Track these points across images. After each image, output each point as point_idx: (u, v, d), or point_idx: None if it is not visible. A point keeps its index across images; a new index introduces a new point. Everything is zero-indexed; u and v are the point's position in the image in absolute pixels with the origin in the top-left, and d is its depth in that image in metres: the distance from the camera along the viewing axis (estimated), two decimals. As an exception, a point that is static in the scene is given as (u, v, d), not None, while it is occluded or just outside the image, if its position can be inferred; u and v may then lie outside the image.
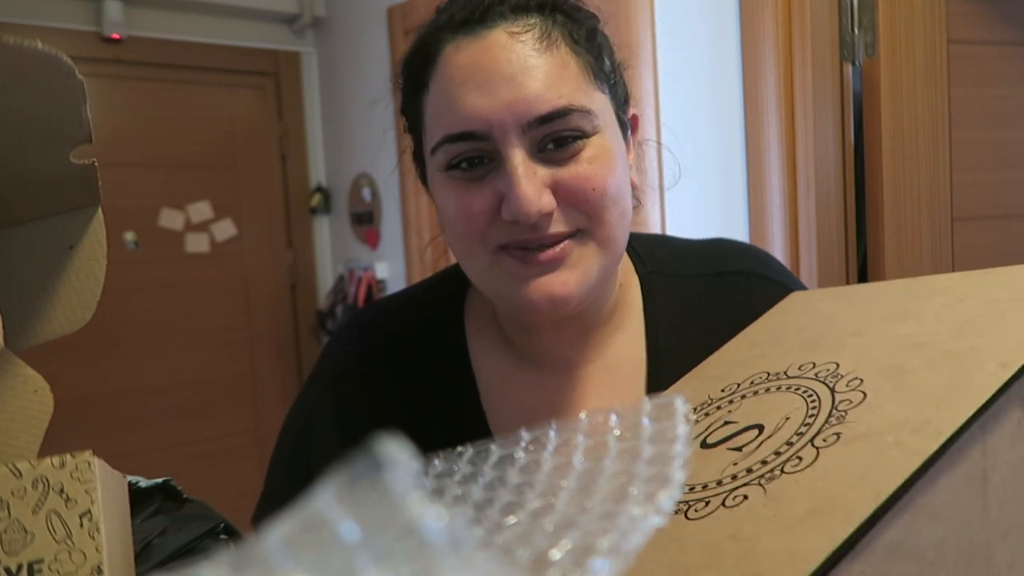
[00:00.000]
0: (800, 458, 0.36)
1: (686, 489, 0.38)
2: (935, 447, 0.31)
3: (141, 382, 2.52)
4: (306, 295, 2.87)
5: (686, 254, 0.72)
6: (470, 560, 0.17)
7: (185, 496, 0.53)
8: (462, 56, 0.58)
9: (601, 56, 0.62)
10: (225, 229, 2.70)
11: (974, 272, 0.47)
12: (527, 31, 0.57)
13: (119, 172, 2.44)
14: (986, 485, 0.32)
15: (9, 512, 0.36)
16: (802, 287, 0.70)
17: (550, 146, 0.57)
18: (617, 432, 0.32)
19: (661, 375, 0.67)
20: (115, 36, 2.42)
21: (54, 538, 0.36)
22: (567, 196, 0.58)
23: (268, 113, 2.80)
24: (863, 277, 1.40)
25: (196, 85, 2.65)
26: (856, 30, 1.32)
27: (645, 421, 0.32)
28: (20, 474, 0.36)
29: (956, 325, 0.41)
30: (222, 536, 0.52)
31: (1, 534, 0.35)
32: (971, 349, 0.37)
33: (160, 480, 0.52)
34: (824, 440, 0.36)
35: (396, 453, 0.18)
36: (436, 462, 0.37)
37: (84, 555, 0.36)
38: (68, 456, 0.37)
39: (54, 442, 0.46)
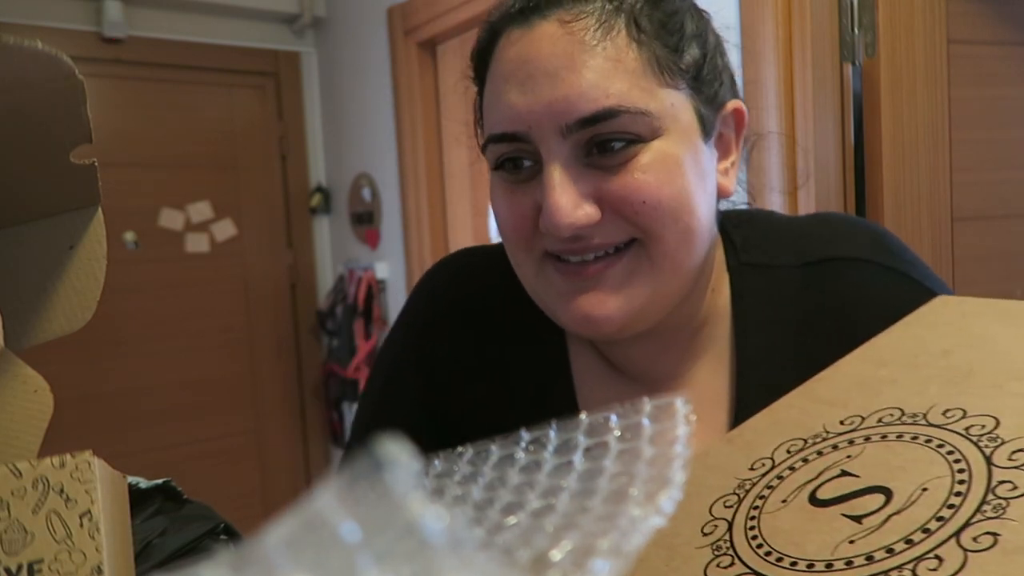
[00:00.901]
0: (940, 559, 0.28)
1: (788, 562, 0.32)
2: None
3: (141, 382, 2.52)
4: (306, 295, 2.87)
5: (786, 236, 0.61)
6: (470, 560, 0.17)
7: (185, 497, 0.53)
8: (512, 49, 0.53)
9: (680, 46, 0.53)
10: (225, 229, 2.70)
11: None
12: (581, 19, 0.51)
13: (119, 172, 2.44)
14: None
15: (9, 512, 0.36)
16: (933, 278, 0.59)
17: (595, 151, 0.51)
18: (618, 433, 0.32)
19: (748, 388, 0.58)
20: (115, 36, 2.42)
21: (54, 538, 0.36)
22: (616, 208, 0.51)
23: (268, 113, 2.80)
24: (863, 277, 1.39)
25: (196, 85, 2.65)
26: (856, 30, 1.32)
27: (645, 422, 0.32)
28: (20, 474, 0.36)
29: None
30: (222, 536, 0.52)
31: (1, 534, 0.35)
32: None
33: (160, 481, 0.52)
34: (975, 540, 0.28)
35: (396, 453, 0.18)
36: (436, 462, 0.37)
37: (84, 555, 0.36)
38: (68, 456, 0.37)
39: (54, 442, 0.46)
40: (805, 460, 0.38)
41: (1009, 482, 0.30)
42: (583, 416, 0.34)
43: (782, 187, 1.36)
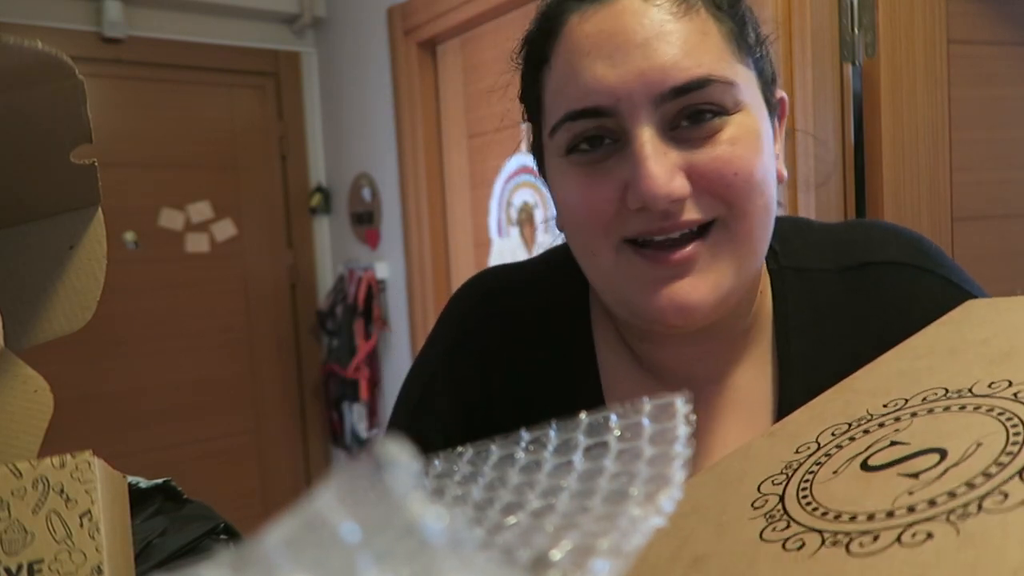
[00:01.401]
0: (1004, 495, 0.28)
1: (846, 517, 0.32)
2: None
3: (141, 382, 2.52)
4: (306, 295, 2.87)
5: (824, 242, 0.62)
6: (470, 560, 0.17)
7: (185, 497, 0.53)
8: (589, 24, 0.52)
9: (746, 26, 0.54)
10: (225, 229, 2.70)
11: None
12: None
13: (119, 172, 2.44)
14: None
15: (9, 512, 0.36)
16: (970, 281, 0.60)
17: (684, 123, 0.51)
18: (618, 432, 0.32)
19: (793, 391, 0.58)
20: (115, 36, 2.42)
21: (54, 538, 0.36)
22: (703, 183, 0.50)
23: (268, 113, 2.80)
24: (863, 277, 1.39)
25: (196, 85, 2.65)
26: (856, 30, 1.32)
27: (646, 421, 0.32)
28: (20, 474, 0.36)
29: None
30: (222, 536, 0.52)
31: (1, 534, 0.35)
32: None
33: (160, 480, 0.52)
34: None
35: (396, 454, 0.18)
36: (436, 462, 0.37)
37: (84, 555, 0.36)
38: (68, 456, 0.37)
39: (54, 442, 0.46)
40: (852, 439, 0.38)
41: None
42: (582, 416, 0.34)
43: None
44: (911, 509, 0.30)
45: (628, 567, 0.23)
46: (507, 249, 2.03)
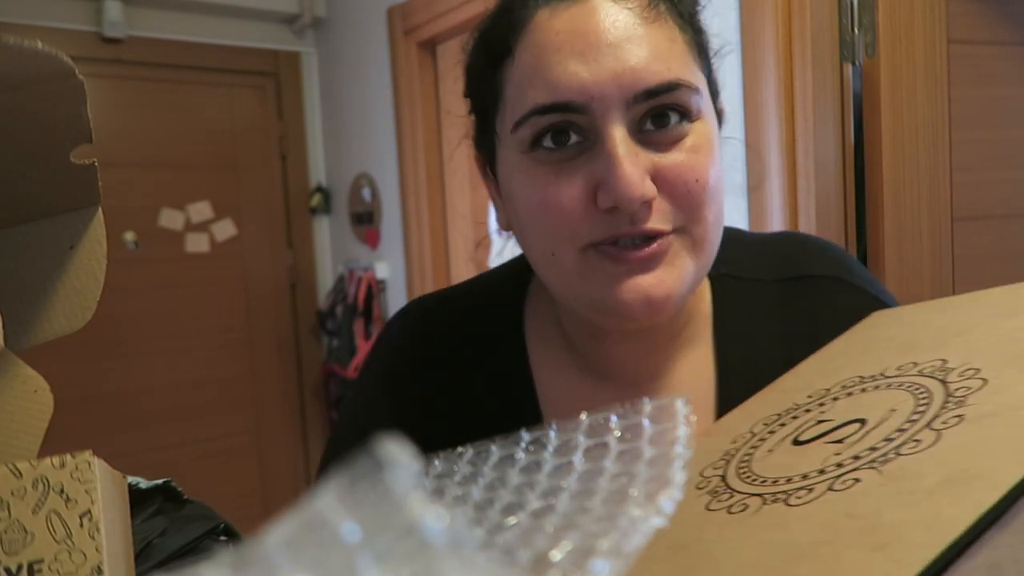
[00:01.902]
0: (918, 440, 0.33)
1: (782, 480, 0.36)
2: None
3: (141, 382, 2.52)
4: (306, 295, 2.87)
5: (758, 253, 0.65)
6: (470, 561, 0.17)
7: (185, 497, 0.53)
8: (559, 21, 0.52)
9: (703, 35, 0.57)
10: (225, 229, 2.70)
11: None
12: None
13: (119, 172, 2.44)
14: None
15: (9, 512, 0.36)
16: (886, 292, 0.64)
17: (649, 126, 0.52)
18: (618, 433, 0.32)
19: (732, 391, 0.61)
20: (115, 36, 2.42)
21: (54, 538, 0.36)
22: (668, 188, 0.52)
23: (268, 113, 2.80)
24: (863, 277, 1.39)
25: (196, 85, 2.65)
26: (856, 30, 1.32)
27: (646, 422, 0.32)
28: (20, 474, 0.36)
29: None
30: (222, 537, 0.52)
31: (1, 534, 0.35)
32: None
33: (160, 481, 0.52)
34: (944, 423, 0.34)
35: (397, 454, 0.18)
36: (436, 462, 0.37)
37: (84, 555, 0.36)
38: (68, 456, 0.37)
39: (54, 442, 0.46)
40: (782, 424, 0.43)
41: (964, 387, 0.36)
42: (583, 416, 0.34)
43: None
44: (839, 465, 0.35)
45: (628, 567, 0.23)
46: (507, 249, 2.03)
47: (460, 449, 0.37)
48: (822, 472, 0.35)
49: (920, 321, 0.49)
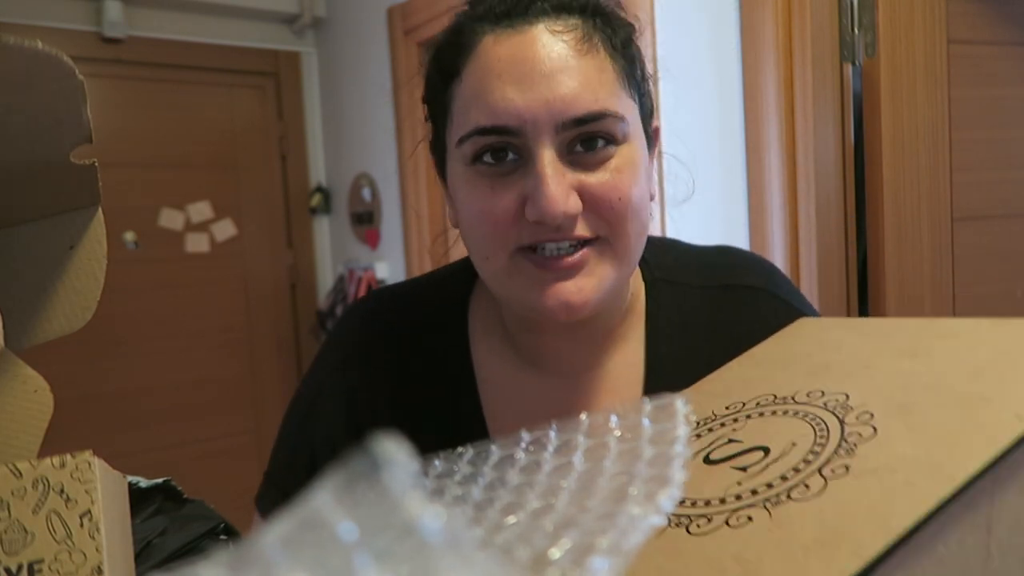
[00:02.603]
0: (807, 486, 0.36)
1: (688, 503, 0.39)
2: (948, 492, 0.31)
3: (141, 382, 2.52)
4: (306, 295, 2.87)
5: (692, 262, 0.71)
6: (469, 560, 0.17)
7: (185, 496, 0.53)
8: (502, 48, 0.57)
9: (635, 64, 0.61)
10: (225, 229, 2.70)
11: (988, 320, 0.46)
12: (569, 31, 0.57)
13: (119, 172, 2.44)
14: (990, 535, 0.33)
15: (9, 512, 0.36)
16: (808, 306, 0.70)
17: (579, 148, 0.57)
18: (618, 433, 0.32)
19: (657, 384, 0.66)
20: (115, 36, 2.42)
21: (54, 538, 0.36)
22: (592, 203, 0.57)
23: (268, 113, 2.80)
24: (863, 277, 1.40)
25: (196, 85, 2.65)
26: (856, 30, 1.32)
27: (646, 422, 0.32)
28: (20, 474, 0.36)
29: (969, 370, 0.41)
30: (222, 536, 0.52)
31: (1, 534, 0.35)
32: (984, 397, 0.38)
33: (160, 480, 0.52)
34: (832, 471, 0.36)
35: (395, 453, 0.18)
36: (436, 462, 0.37)
37: (84, 555, 0.36)
38: (68, 456, 0.37)
39: (54, 442, 0.46)
40: (698, 436, 0.47)
41: (857, 433, 0.39)
42: (583, 416, 0.35)
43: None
44: (738, 497, 0.38)
45: (627, 566, 0.23)
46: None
47: (460, 449, 0.37)
48: (722, 502, 0.38)
49: (837, 341, 0.52)
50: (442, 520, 0.17)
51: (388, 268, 2.54)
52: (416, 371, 0.71)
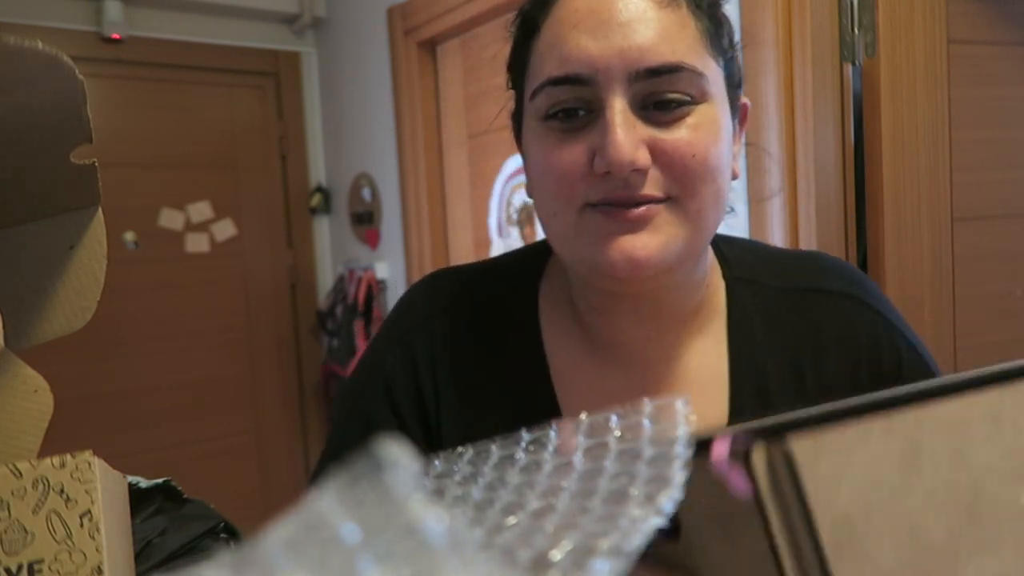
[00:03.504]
0: None
1: None
2: None
3: (141, 382, 2.52)
4: (306, 295, 2.87)
5: (776, 264, 0.68)
6: (471, 561, 0.17)
7: (185, 496, 0.53)
8: (580, 1, 0.56)
9: (721, 27, 0.59)
10: (225, 229, 2.70)
11: None
12: None
13: (119, 172, 2.44)
14: None
15: (9, 512, 0.36)
16: (896, 313, 0.67)
17: (653, 107, 0.55)
18: (618, 433, 0.32)
19: (744, 388, 0.64)
20: (115, 36, 2.42)
21: (54, 538, 0.36)
22: (664, 160, 0.55)
23: (268, 113, 2.80)
24: (863, 277, 1.39)
25: (196, 85, 2.65)
26: (856, 30, 1.32)
27: (646, 422, 0.32)
28: (20, 474, 0.36)
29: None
30: (222, 536, 0.52)
31: (1, 534, 0.35)
32: None
33: (160, 480, 0.52)
34: None
35: (397, 454, 0.18)
36: (436, 463, 0.37)
37: (84, 555, 0.36)
38: (68, 456, 0.37)
39: (54, 442, 0.46)
40: None
41: None
42: (583, 416, 0.34)
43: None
44: None
45: (629, 567, 0.23)
46: (507, 249, 2.03)
47: (460, 449, 0.37)
48: None
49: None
50: (445, 522, 0.17)
51: (388, 268, 2.54)
52: (483, 353, 0.68)
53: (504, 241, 2.05)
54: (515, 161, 1.96)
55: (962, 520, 0.31)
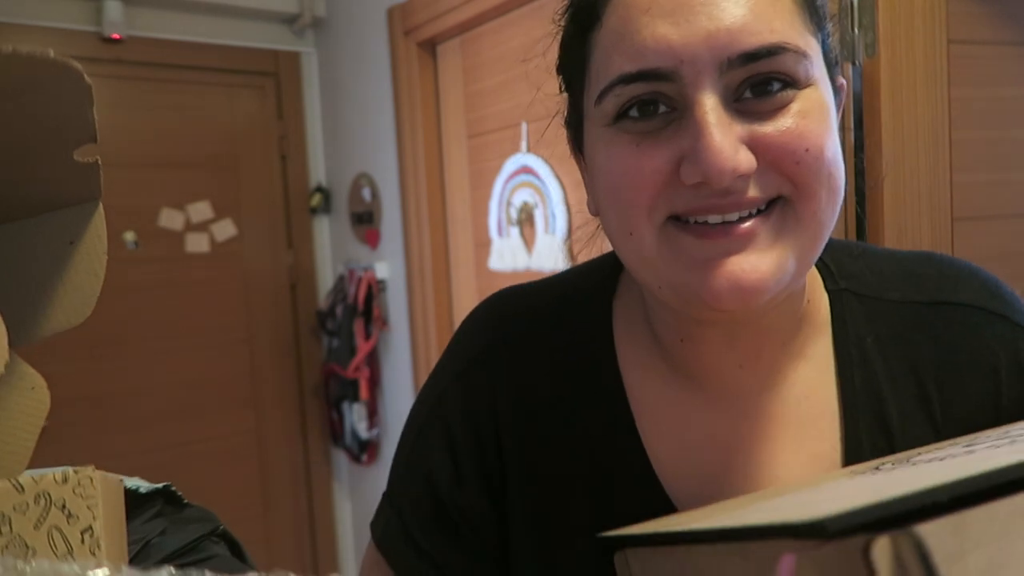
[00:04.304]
0: None
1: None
2: None
3: (141, 382, 2.52)
4: (306, 295, 2.87)
5: (890, 271, 0.58)
6: None
7: (185, 501, 0.53)
8: None
9: None
10: (225, 229, 2.70)
11: None
12: None
13: (119, 172, 2.44)
14: None
15: (11, 527, 0.35)
16: None
17: (748, 95, 0.45)
18: None
19: (859, 420, 0.54)
20: (115, 36, 2.42)
21: (55, 554, 0.36)
22: (771, 157, 0.45)
23: (268, 113, 2.80)
24: (863, 277, 1.39)
25: (196, 85, 2.64)
26: (856, 30, 1.32)
27: None
28: (22, 489, 0.36)
29: None
30: (215, 539, 0.52)
31: (2, 549, 0.35)
32: None
33: (160, 485, 0.52)
34: None
35: None
36: None
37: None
38: (71, 471, 0.36)
39: (54, 442, 0.46)
40: None
41: None
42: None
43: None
44: None
45: None
46: (507, 249, 2.03)
47: None
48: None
49: None
50: None
51: (388, 268, 2.54)
52: (557, 387, 0.60)
53: (504, 241, 2.05)
54: (515, 161, 1.96)
55: None
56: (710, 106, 0.44)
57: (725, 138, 0.44)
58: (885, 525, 0.23)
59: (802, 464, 0.55)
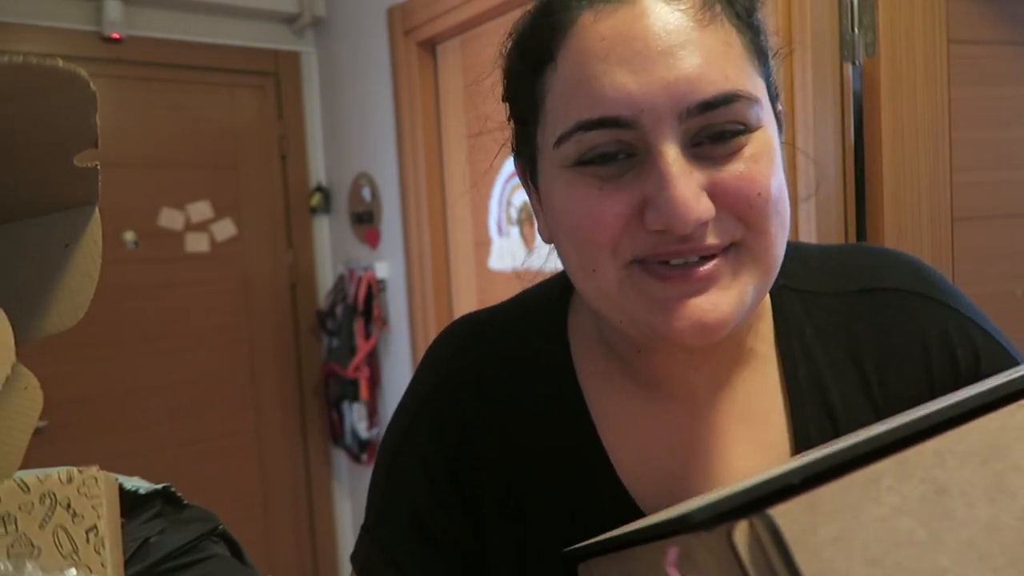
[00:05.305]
0: None
1: None
2: None
3: (141, 382, 2.52)
4: (306, 295, 2.87)
5: (824, 266, 0.61)
6: None
7: (185, 501, 0.53)
8: (604, 25, 0.47)
9: (760, 35, 0.51)
10: (225, 229, 2.70)
11: None
12: None
13: (119, 172, 2.44)
14: None
15: (16, 526, 0.36)
16: (968, 304, 0.59)
17: (705, 141, 0.47)
18: None
19: (805, 409, 0.57)
20: (115, 36, 2.42)
21: (60, 553, 0.36)
22: (726, 202, 0.47)
23: (268, 113, 2.80)
24: (863, 277, 1.39)
25: (196, 85, 2.64)
26: (856, 30, 1.32)
27: None
28: (28, 489, 0.36)
29: None
30: (215, 539, 0.52)
31: (8, 549, 0.35)
32: None
33: (160, 486, 0.52)
34: None
35: None
36: None
37: (90, 570, 0.36)
38: (75, 471, 0.37)
39: (54, 442, 0.46)
40: None
41: None
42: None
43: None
44: None
45: None
46: (507, 249, 2.03)
47: None
48: None
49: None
50: None
51: (388, 268, 2.54)
52: (521, 404, 0.62)
53: (504, 241, 2.05)
54: (515, 161, 1.96)
55: (1014, 570, 0.25)
56: (672, 156, 0.46)
57: (688, 188, 0.46)
58: (750, 510, 0.25)
59: (756, 456, 0.58)
